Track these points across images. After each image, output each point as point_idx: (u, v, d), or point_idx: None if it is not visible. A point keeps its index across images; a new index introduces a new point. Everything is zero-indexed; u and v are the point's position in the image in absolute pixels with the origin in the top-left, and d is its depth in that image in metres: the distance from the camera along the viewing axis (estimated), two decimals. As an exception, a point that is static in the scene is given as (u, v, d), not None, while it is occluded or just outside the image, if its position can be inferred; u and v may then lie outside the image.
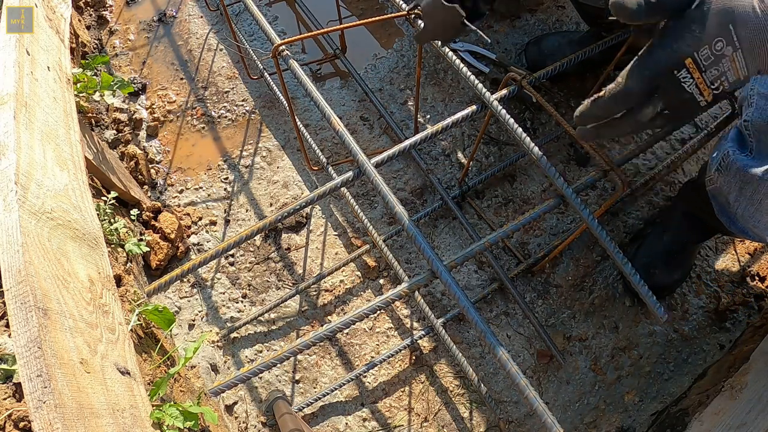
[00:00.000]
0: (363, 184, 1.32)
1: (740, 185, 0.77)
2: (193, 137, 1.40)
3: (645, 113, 0.61)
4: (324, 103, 0.84)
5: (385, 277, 1.23)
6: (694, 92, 0.59)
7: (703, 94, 0.60)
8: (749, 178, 0.74)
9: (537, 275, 1.21)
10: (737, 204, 0.79)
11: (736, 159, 0.76)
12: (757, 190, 0.75)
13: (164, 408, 0.72)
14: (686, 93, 0.59)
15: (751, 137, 0.73)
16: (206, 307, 1.20)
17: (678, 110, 0.61)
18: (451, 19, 0.78)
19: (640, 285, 0.70)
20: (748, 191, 0.76)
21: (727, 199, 0.81)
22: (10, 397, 0.65)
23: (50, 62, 0.89)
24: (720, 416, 0.87)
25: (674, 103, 0.60)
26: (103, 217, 1.01)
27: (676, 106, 0.61)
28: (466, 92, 1.41)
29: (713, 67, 0.58)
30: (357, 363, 1.15)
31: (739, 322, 1.18)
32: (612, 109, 0.63)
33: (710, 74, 0.58)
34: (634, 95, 0.61)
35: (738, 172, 0.76)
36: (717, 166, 0.81)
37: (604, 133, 0.67)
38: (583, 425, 1.10)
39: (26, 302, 0.55)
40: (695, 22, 0.57)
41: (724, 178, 0.80)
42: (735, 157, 0.76)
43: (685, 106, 0.61)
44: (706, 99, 0.60)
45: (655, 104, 0.61)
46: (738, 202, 0.79)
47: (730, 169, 0.78)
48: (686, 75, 0.58)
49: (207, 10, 1.56)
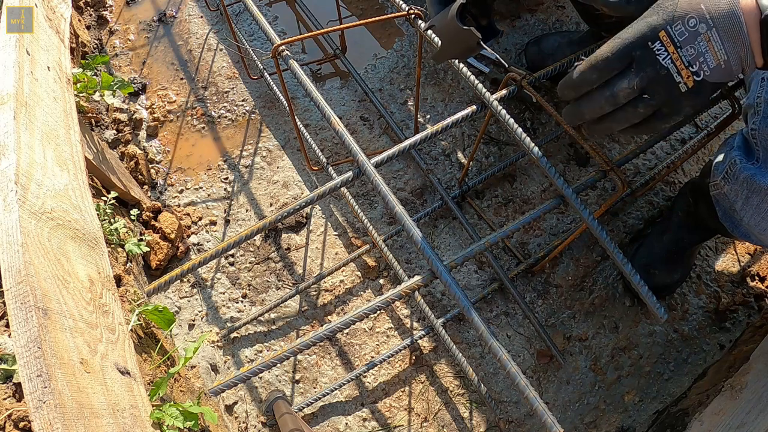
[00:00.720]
0: (363, 184, 1.32)
1: (747, 194, 0.77)
2: (193, 137, 1.40)
3: (620, 86, 0.61)
4: (324, 104, 0.84)
5: (385, 277, 1.23)
6: (670, 68, 0.59)
7: (681, 74, 0.59)
8: (757, 188, 0.74)
9: (537, 275, 1.21)
10: (743, 212, 0.79)
11: (743, 168, 0.76)
12: (765, 200, 0.74)
13: (164, 408, 0.72)
14: (662, 67, 0.59)
15: (758, 146, 0.73)
16: (206, 307, 1.20)
17: (656, 91, 0.60)
18: (467, 40, 0.79)
19: (640, 285, 0.70)
20: (755, 201, 0.76)
21: (733, 206, 0.81)
22: (10, 397, 0.65)
23: (50, 62, 0.89)
24: (720, 416, 0.87)
25: (651, 77, 0.60)
26: (103, 217, 1.01)
27: (652, 83, 0.60)
28: (466, 92, 1.41)
29: (689, 45, 0.57)
30: (357, 363, 1.15)
31: (739, 322, 1.18)
32: (588, 78, 0.63)
33: (687, 52, 0.58)
34: (608, 61, 0.61)
35: (745, 182, 0.76)
36: (723, 175, 0.81)
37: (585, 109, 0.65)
38: (583, 425, 1.10)
39: (26, 302, 0.56)
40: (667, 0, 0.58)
41: (730, 186, 0.80)
42: (742, 166, 0.76)
43: (662, 85, 0.60)
44: (686, 82, 0.59)
45: (631, 79, 0.60)
46: (744, 210, 0.79)
47: (738, 178, 0.77)
48: (660, 47, 0.58)
49: (207, 10, 1.56)
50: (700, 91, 0.60)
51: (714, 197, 0.88)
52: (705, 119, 1.39)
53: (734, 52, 0.57)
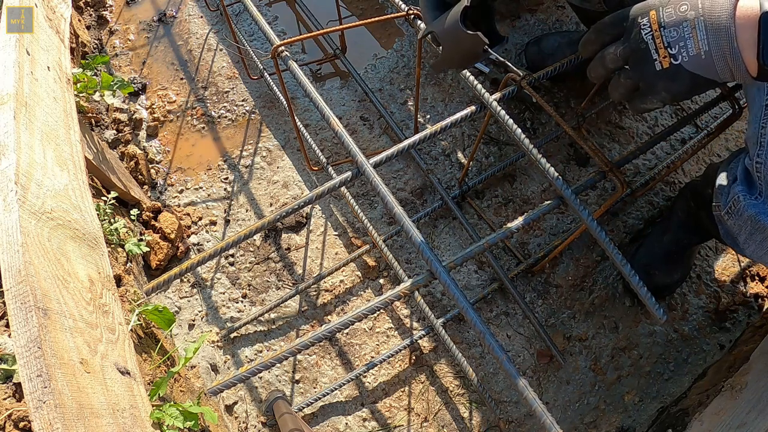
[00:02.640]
0: (363, 184, 1.32)
1: (750, 230, 0.76)
2: (193, 137, 1.40)
3: (609, 50, 0.66)
4: (323, 104, 0.84)
5: (385, 277, 1.23)
6: (649, 44, 0.61)
7: (658, 51, 0.61)
8: (761, 227, 0.74)
9: (537, 275, 1.21)
10: (746, 245, 0.79)
11: (747, 206, 0.75)
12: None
13: (164, 408, 0.72)
14: (642, 42, 0.62)
15: (761, 180, 0.72)
16: (206, 307, 1.20)
17: (635, 63, 0.64)
18: (472, 47, 0.76)
19: (640, 286, 0.70)
20: (758, 237, 0.76)
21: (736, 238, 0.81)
22: (10, 397, 0.65)
23: (50, 62, 0.89)
24: (720, 416, 0.87)
25: (632, 48, 0.63)
26: (103, 217, 1.01)
27: (633, 54, 0.64)
28: (466, 92, 1.41)
29: (673, 27, 0.60)
30: (357, 363, 1.15)
31: (739, 322, 1.18)
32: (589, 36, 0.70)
33: (669, 33, 0.60)
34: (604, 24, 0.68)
35: (750, 220, 0.75)
36: (727, 210, 0.80)
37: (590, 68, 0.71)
38: (583, 425, 1.10)
39: (26, 302, 0.56)
40: None
41: (734, 221, 0.79)
42: (746, 203, 0.75)
43: (639, 58, 0.63)
44: (662, 62, 0.62)
45: (617, 46, 0.65)
46: (747, 244, 0.79)
47: (741, 215, 0.77)
48: (646, 23, 0.61)
49: (207, 10, 1.56)
50: (676, 76, 0.62)
51: (716, 217, 0.87)
52: (705, 119, 1.39)
53: (717, 46, 0.58)
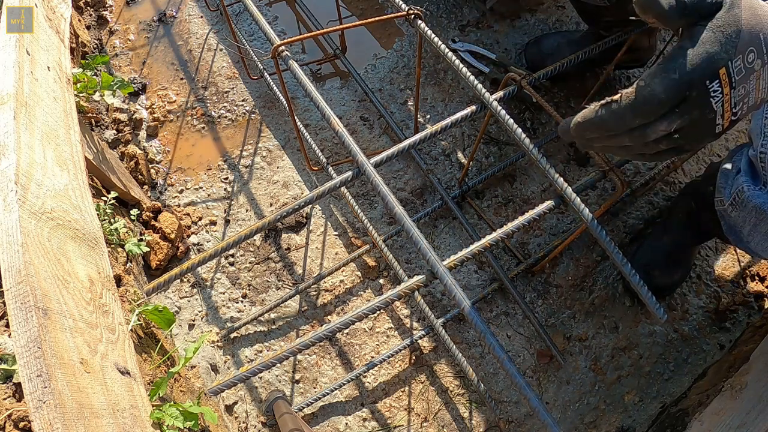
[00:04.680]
0: (363, 184, 1.32)
1: (755, 222, 0.75)
2: (193, 137, 1.40)
3: (658, 127, 0.51)
4: (323, 104, 0.84)
5: (385, 277, 1.23)
6: (717, 112, 0.50)
7: (723, 116, 0.51)
8: (765, 217, 0.73)
9: (537, 275, 1.21)
10: (750, 237, 0.78)
11: (751, 197, 0.74)
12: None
13: (164, 408, 0.72)
14: (711, 111, 0.50)
15: (765, 170, 0.71)
16: (206, 307, 1.20)
17: (691, 134, 0.52)
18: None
19: (640, 286, 0.69)
20: (762, 228, 0.74)
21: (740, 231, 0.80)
22: (10, 397, 0.65)
23: (50, 62, 0.89)
24: (720, 416, 0.87)
25: (695, 120, 0.50)
26: (103, 217, 1.01)
27: (694, 126, 0.51)
28: (466, 92, 1.41)
29: (741, 85, 0.49)
30: (357, 363, 1.15)
31: (739, 322, 1.18)
32: (627, 121, 0.52)
33: (737, 93, 0.50)
34: (659, 104, 0.50)
35: (754, 210, 0.74)
36: (731, 202, 0.79)
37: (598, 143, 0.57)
38: (583, 425, 1.10)
39: (26, 302, 0.56)
40: (730, 25, 0.48)
41: (738, 213, 0.78)
42: (750, 194, 0.74)
43: (701, 129, 0.51)
44: (723, 125, 0.52)
45: (672, 120, 0.50)
46: (752, 236, 0.78)
47: (746, 206, 0.76)
48: (717, 88, 0.49)
49: (207, 10, 1.56)
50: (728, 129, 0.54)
51: (719, 212, 0.86)
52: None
53: None
